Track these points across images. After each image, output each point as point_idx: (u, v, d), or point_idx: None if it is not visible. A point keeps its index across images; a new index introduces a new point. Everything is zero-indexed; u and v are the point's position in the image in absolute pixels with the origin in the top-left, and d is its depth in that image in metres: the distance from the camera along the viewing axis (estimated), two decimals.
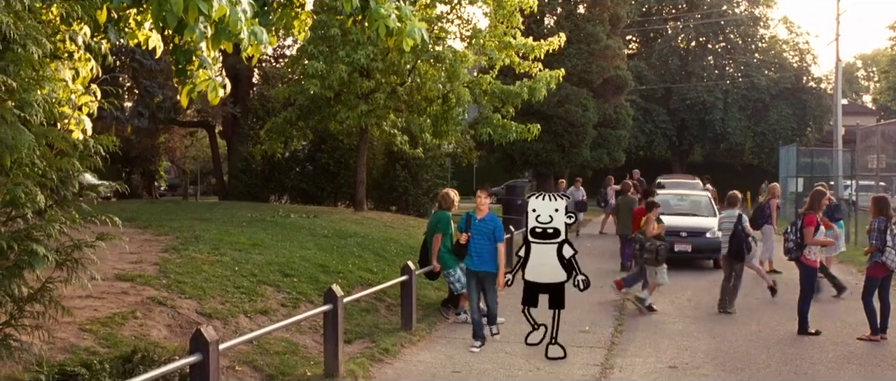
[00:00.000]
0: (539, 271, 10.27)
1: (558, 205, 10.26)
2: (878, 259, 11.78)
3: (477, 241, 11.09)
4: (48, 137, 3.96)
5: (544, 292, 10.32)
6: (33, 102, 3.80)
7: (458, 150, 34.71)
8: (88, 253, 4.38)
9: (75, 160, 4.06)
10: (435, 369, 9.69)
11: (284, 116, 22.89)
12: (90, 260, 4.38)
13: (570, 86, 33.85)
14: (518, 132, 21.68)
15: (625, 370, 10.00)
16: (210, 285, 10.75)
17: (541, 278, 10.26)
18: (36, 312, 4.38)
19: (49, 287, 4.37)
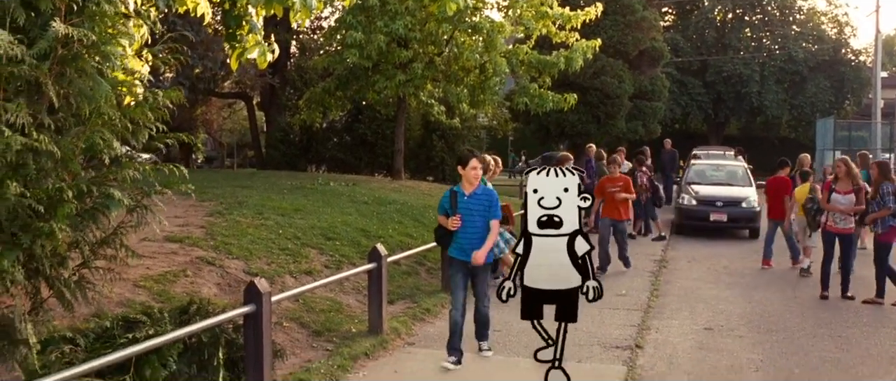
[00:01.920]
0: (543, 273, 7.35)
1: (568, 183, 7.28)
2: (892, 223, 11.97)
3: (467, 224, 8.33)
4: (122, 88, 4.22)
5: (550, 301, 7.47)
6: (111, 55, 4.06)
7: (493, 122, 34.84)
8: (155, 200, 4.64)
9: (147, 110, 4.32)
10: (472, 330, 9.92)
11: (323, 85, 23.13)
12: (158, 206, 4.64)
13: (605, 57, 33.76)
14: (555, 102, 21.80)
15: (661, 332, 10.20)
16: (256, 246, 11.05)
17: (545, 282, 7.36)
18: (108, 255, 4.65)
19: (120, 232, 4.63)
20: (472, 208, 8.33)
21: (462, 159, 8.45)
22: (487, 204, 8.37)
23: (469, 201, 8.33)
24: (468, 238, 8.33)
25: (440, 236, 8.77)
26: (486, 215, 8.34)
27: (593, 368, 8.52)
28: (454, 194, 8.42)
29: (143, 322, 5.93)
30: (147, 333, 5.66)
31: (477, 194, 8.35)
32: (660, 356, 9.13)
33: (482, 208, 8.33)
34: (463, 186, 8.38)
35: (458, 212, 8.32)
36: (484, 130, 34.27)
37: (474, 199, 8.34)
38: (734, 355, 9.22)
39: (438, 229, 8.75)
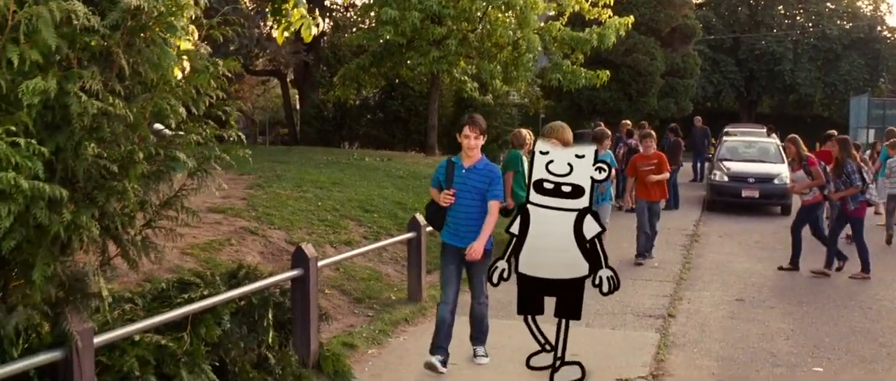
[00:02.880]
0: (542, 257, 6.51)
1: (585, 150, 6.56)
2: (863, 198, 12.24)
3: (462, 202, 7.17)
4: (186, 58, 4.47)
5: (551, 292, 6.64)
6: (176, 26, 4.32)
7: (524, 99, 34.95)
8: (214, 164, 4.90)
9: (210, 79, 4.57)
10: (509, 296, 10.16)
11: (357, 62, 23.36)
12: (216, 170, 4.91)
13: (637, 35, 33.78)
14: (587, 78, 21.94)
15: (693, 302, 10.40)
16: (296, 217, 11.33)
17: (544, 270, 6.51)
18: (169, 216, 4.93)
19: (182, 194, 4.90)
20: (470, 183, 7.11)
21: (459, 124, 7.42)
22: (487, 181, 7.10)
23: (467, 175, 7.13)
24: (462, 219, 7.17)
25: (431, 213, 7.51)
26: (484, 194, 7.09)
27: (627, 335, 8.73)
28: (451, 164, 7.28)
29: (196, 284, 6.22)
30: (201, 294, 5.96)
31: (477, 168, 7.14)
32: (692, 324, 9.34)
33: (481, 185, 7.08)
34: (462, 158, 7.23)
35: (454, 186, 7.15)
36: (515, 107, 34.37)
37: (474, 173, 7.13)
38: (765, 324, 9.40)
39: (430, 206, 7.54)
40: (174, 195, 4.84)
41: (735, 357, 8.13)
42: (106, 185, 4.03)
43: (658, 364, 7.82)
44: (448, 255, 7.35)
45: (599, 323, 9.09)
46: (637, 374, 7.38)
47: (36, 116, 3.89)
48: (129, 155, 4.07)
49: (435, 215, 7.46)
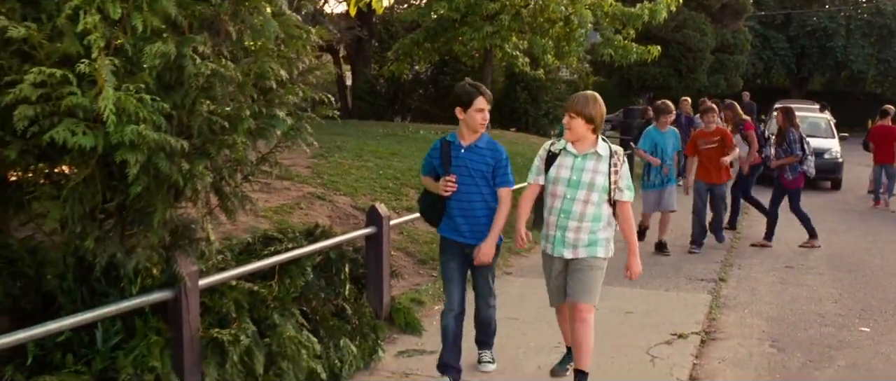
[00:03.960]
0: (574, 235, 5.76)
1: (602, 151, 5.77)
2: (801, 169, 12.39)
3: (464, 188, 5.98)
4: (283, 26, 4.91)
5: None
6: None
7: (574, 75, 35.21)
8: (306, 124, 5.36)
9: (306, 44, 5.02)
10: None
11: (412, 37, 23.73)
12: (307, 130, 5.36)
13: (687, 10, 33.85)
14: (638, 54, 22.14)
15: (743, 269, 10.74)
16: (359, 184, 11.80)
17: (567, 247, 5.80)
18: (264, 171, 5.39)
19: (276, 151, 5.36)
20: (472, 165, 5.93)
21: (462, 97, 5.90)
22: (492, 163, 5.94)
23: (467, 156, 5.94)
24: (464, 211, 6.00)
25: (427, 206, 6.29)
26: (487, 178, 5.97)
27: (680, 296, 9.10)
28: (446, 144, 6.04)
29: (279, 239, 6.70)
30: (286, 247, 6.43)
31: (478, 148, 5.95)
32: (742, 288, 9.68)
33: (483, 167, 5.94)
34: (460, 135, 6.00)
35: (452, 171, 5.95)
36: (565, 83, 34.63)
37: (475, 153, 5.94)
38: (813, 289, 9.72)
39: (424, 197, 6.35)
40: (270, 151, 5.30)
41: (784, 318, 8.46)
42: (217, 139, 4.48)
43: (710, 322, 8.19)
44: (448, 252, 6.19)
45: (654, 285, 9.46)
46: (691, 330, 7.74)
47: (155, 76, 4.35)
48: (238, 112, 4.53)
49: (431, 207, 6.20)
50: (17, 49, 4.23)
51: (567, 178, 5.77)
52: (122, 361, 4.62)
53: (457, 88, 6.06)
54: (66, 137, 4.00)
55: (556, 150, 5.91)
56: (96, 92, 4.05)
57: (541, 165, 5.99)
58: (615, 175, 5.75)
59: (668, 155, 11.61)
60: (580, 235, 5.77)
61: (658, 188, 11.64)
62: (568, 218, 5.77)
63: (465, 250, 6.11)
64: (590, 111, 5.71)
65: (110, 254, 4.64)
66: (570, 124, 5.76)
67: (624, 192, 5.81)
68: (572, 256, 5.82)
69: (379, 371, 6.51)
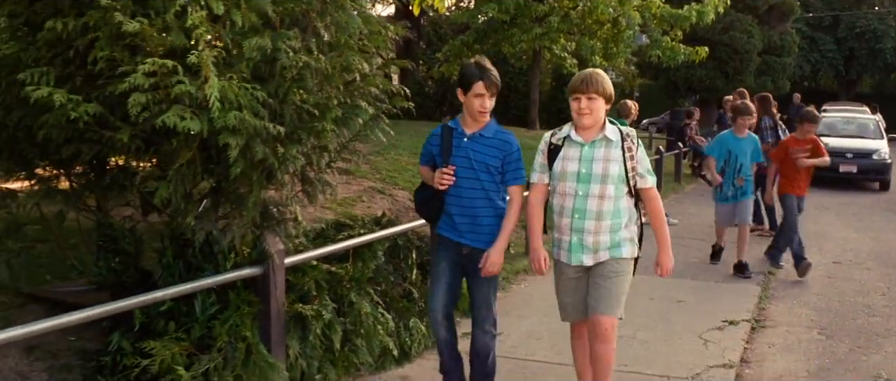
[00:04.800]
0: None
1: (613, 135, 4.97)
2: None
3: (462, 183, 5.11)
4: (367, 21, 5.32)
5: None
6: None
7: (620, 77, 35.40)
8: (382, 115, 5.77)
9: (385, 39, 5.42)
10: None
11: (461, 39, 24.19)
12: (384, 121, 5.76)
13: (734, 12, 33.94)
14: (686, 54, 22.39)
15: (792, 263, 10.97)
16: (417, 179, 12.15)
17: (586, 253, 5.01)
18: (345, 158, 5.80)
19: (355, 140, 5.77)
20: (475, 157, 5.07)
21: (463, 77, 5.16)
22: (500, 155, 5.10)
23: (470, 146, 5.10)
24: (464, 209, 5.14)
25: (423, 201, 5.40)
26: (494, 172, 5.09)
27: (730, 287, 9.38)
28: (448, 130, 5.24)
29: (351, 225, 7.10)
30: (359, 232, 6.82)
31: (483, 137, 5.11)
32: (791, 281, 9.94)
33: (490, 160, 5.08)
34: (462, 121, 5.20)
35: (452, 162, 5.10)
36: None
37: (480, 143, 5.10)
38: (861, 282, 9.95)
39: (420, 191, 5.47)
40: (351, 139, 5.70)
41: (832, 308, 8.72)
42: (307, 126, 4.88)
43: (760, 311, 8.47)
44: (442, 250, 5.35)
45: (704, 278, 9.76)
46: (742, 318, 8.03)
47: (251, 68, 4.76)
48: (326, 101, 4.93)
49: (428, 202, 5.32)
50: (127, 43, 4.66)
51: (576, 172, 4.92)
52: (218, 329, 5.03)
53: (462, 66, 5.28)
54: (175, 121, 4.41)
55: (559, 140, 5.04)
56: (202, 81, 4.46)
57: (543, 160, 5.12)
58: (631, 160, 4.93)
59: (746, 166, 10.19)
60: (600, 236, 4.93)
61: (732, 201, 10.34)
62: (583, 218, 4.92)
63: (462, 250, 5.18)
64: (610, 89, 4.95)
65: (207, 231, 5.06)
66: (591, 107, 4.86)
67: (645, 177, 5.01)
68: (593, 261, 5.00)
69: None
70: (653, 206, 5.18)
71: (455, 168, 5.10)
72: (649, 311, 8.17)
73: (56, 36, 4.74)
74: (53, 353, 5.46)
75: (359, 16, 5.17)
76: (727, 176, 10.26)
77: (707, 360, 6.82)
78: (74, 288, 6.00)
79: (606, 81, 4.97)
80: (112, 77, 4.61)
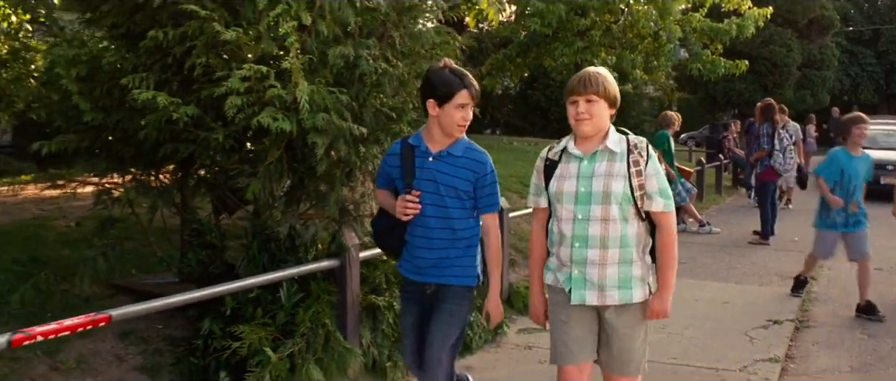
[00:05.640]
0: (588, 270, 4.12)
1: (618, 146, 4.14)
2: (768, 163, 12.74)
3: (428, 209, 4.34)
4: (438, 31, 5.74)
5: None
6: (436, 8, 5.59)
7: (658, 91, 35.61)
8: None
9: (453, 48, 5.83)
10: None
11: (504, 52, 24.53)
12: None
13: (773, 26, 34.10)
14: (726, 68, 22.60)
15: (833, 270, 11.21)
16: None
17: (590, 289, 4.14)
18: None
19: None
20: (442, 180, 4.32)
21: (438, 86, 4.28)
22: (472, 177, 4.35)
23: (436, 166, 4.34)
24: (429, 240, 4.38)
25: (382, 230, 4.63)
26: (465, 197, 4.35)
27: (773, 290, 9.68)
28: (409, 149, 4.41)
29: None
30: None
31: (453, 156, 4.34)
32: (833, 286, 10.21)
33: (460, 185, 4.33)
34: (427, 137, 4.40)
35: (416, 186, 4.34)
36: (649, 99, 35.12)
37: (447, 163, 4.34)
38: None
39: (379, 219, 4.67)
40: None
41: None
42: (385, 127, 5.30)
43: (803, 313, 8.77)
44: (407, 299, 4.66)
45: (748, 281, 10.07)
46: (786, 318, 8.34)
47: (335, 73, 5.19)
48: (403, 105, 5.34)
49: (388, 233, 4.57)
50: (222, 50, 5.11)
51: (573, 192, 4.09)
52: (301, 316, 5.45)
53: (431, 73, 4.34)
54: (268, 122, 4.84)
55: (556, 155, 4.25)
56: (292, 85, 4.88)
57: (538, 180, 4.32)
58: (638, 177, 4.06)
59: (859, 189, 8.98)
60: (607, 269, 4.08)
61: (841, 230, 8.90)
62: (585, 247, 4.08)
63: (426, 290, 4.46)
64: (613, 90, 4.12)
65: (290, 225, 5.48)
66: (591, 112, 4.02)
67: (654, 198, 4.09)
68: (600, 301, 4.12)
69: (504, 345, 7.25)
70: (661, 237, 4.16)
71: (421, 193, 4.30)
72: (696, 311, 8.49)
73: (156, 44, 5.18)
74: (144, 339, 5.90)
75: (430, 26, 5.57)
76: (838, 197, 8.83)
77: (754, 355, 7.14)
78: (160, 280, 6.43)
79: (609, 81, 4.12)
80: (208, 82, 5.05)
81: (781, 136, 12.70)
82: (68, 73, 5.40)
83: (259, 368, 5.11)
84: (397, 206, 4.36)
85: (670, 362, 6.84)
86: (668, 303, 4.20)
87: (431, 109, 4.29)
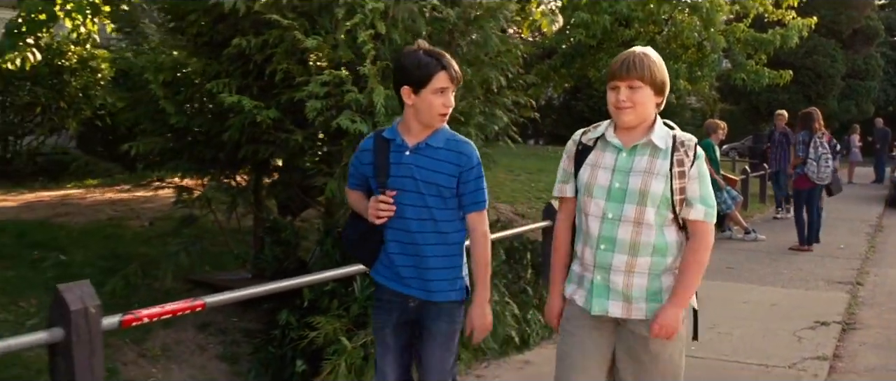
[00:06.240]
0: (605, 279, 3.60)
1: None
2: (801, 171, 12.82)
3: (406, 210, 3.78)
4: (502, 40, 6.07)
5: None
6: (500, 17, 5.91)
7: (700, 102, 35.68)
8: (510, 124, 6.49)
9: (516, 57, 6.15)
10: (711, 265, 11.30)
11: (549, 63, 24.80)
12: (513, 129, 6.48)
13: (817, 36, 33.99)
14: (770, 77, 22.70)
15: (880, 275, 11.38)
16: (516, 194, 12.94)
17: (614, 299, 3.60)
18: None
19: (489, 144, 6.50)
20: (421, 176, 3.79)
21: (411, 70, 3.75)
22: (455, 172, 3.81)
23: (415, 160, 3.81)
24: (406, 246, 3.85)
25: (355, 238, 4.04)
26: (448, 195, 3.81)
27: (820, 294, 9.87)
28: (383, 143, 3.89)
29: None
30: None
31: (432, 148, 3.82)
32: (879, 291, 10.37)
33: (443, 178, 3.79)
34: (404, 129, 3.88)
35: (391, 184, 3.80)
36: (690, 111, 35.22)
37: (427, 156, 3.81)
38: None
39: (350, 226, 4.09)
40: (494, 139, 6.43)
41: None
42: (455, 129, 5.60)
43: (850, 315, 8.95)
44: (382, 308, 4.00)
45: (794, 285, 10.26)
46: (833, 319, 8.53)
47: None
48: (470, 109, 5.66)
49: (362, 241, 4.00)
50: (301, 57, 5.46)
51: (606, 186, 3.59)
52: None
53: (404, 56, 3.84)
54: (347, 124, 5.18)
55: (590, 140, 3.75)
56: (368, 90, 5.22)
57: (568, 165, 3.82)
58: (680, 178, 3.55)
59: None
60: (634, 279, 3.58)
61: None
62: (612, 250, 3.57)
63: (408, 303, 3.89)
64: (661, 75, 3.61)
65: None
66: (634, 99, 3.53)
67: (694, 205, 3.59)
68: (624, 313, 3.60)
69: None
70: (693, 245, 3.62)
71: (395, 193, 3.77)
72: (744, 312, 8.72)
73: (239, 51, 5.55)
74: (222, 330, 6.27)
75: (494, 36, 5.89)
76: None
77: (802, 353, 7.35)
78: (234, 276, 6.79)
79: (657, 64, 3.60)
80: (288, 87, 5.41)
81: (817, 144, 12.86)
82: (156, 78, 5.77)
83: (335, 356, 5.43)
84: (369, 208, 3.82)
85: (721, 359, 7.08)
86: (679, 319, 3.58)
87: (407, 98, 3.76)
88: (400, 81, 3.76)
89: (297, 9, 5.51)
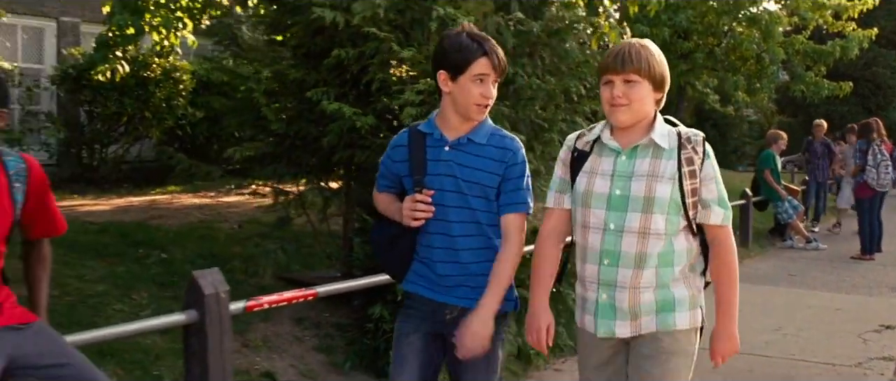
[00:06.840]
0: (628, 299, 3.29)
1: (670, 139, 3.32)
2: (861, 179, 12.96)
3: (447, 211, 3.36)
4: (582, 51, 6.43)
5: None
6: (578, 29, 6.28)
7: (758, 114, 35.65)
8: None
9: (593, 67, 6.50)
10: (773, 272, 11.65)
11: None
12: None
13: (877, 47, 33.79)
14: (830, 89, 22.78)
15: None
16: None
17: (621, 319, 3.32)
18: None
19: None
20: (464, 173, 3.40)
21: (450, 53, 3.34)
22: (500, 169, 3.41)
23: (455, 157, 3.42)
24: (455, 255, 3.42)
25: (383, 243, 3.60)
26: (493, 195, 3.42)
27: (883, 300, 10.08)
28: (419, 137, 3.48)
29: None
30: None
31: (476, 144, 3.42)
32: None
33: (487, 177, 3.40)
34: (441, 122, 3.48)
35: (429, 183, 3.39)
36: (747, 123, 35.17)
37: (469, 153, 3.42)
38: None
39: (379, 229, 3.66)
40: None
41: None
42: (539, 137, 5.98)
43: None
44: (410, 318, 3.56)
45: (857, 292, 10.47)
46: None
47: None
48: (553, 116, 6.03)
49: (391, 245, 3.57)
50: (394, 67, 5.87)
51: (606, 194, 3.28)
52: None
53: (445, 38, 3.45)
54: None
55: (586, 145, 3.43)
56: None
57: (563, 174, 3.51)
58: (692, 179, 3.25)
59: None
60: (641, 294, 3.28)
61: None
62: (616, 265, 3.27)
63: (444, 314, 3.46)
64: (660, 68, 3.28)
65: None
66: (630, 96, 3.20)
67: (712, 208, 3.29)
68: (632, 332, 3.34)
69: None
70: (719, 255, 3.33)
71: (433, 192, 3.38)
72: (809, 316, 8.97)
73: (338, 62, 5.96)
74: (317, 324, 6.68)
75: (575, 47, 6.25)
76: None
77: (867, 354, 7.60)
78: (324, 274, 7.20)
79: (655, 57, 3.27)
80: (384, 95, 5.81)
81: (876, 152, 13.01)
82: (258, 86, 6.22)
83: None
84: (404, 208, 3.40)
85: (788, 358, 7.36)
86: (736, 338, 3.36)
87: (443, 84, 3.37)
88: (438, 65, 3.39)
89: (392, 22, 5.90)
